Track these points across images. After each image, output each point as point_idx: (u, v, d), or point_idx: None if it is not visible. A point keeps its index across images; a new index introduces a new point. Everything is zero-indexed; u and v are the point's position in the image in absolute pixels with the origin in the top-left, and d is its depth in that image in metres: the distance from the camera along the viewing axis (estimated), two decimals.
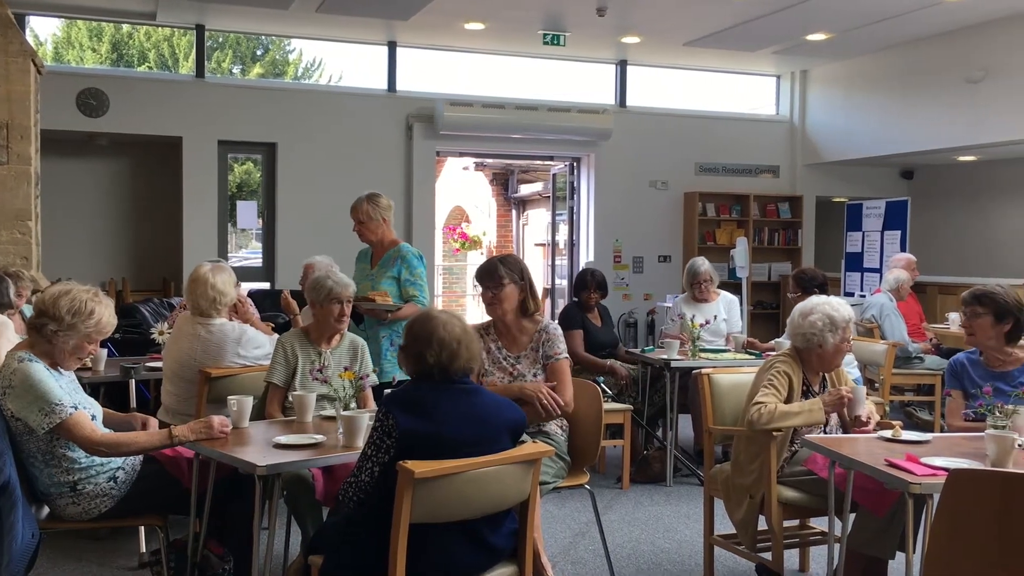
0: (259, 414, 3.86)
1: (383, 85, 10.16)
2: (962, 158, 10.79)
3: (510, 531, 2.88)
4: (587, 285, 6.19)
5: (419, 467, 2.56)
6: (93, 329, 3.24)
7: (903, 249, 9.65)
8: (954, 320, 7.25)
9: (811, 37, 9.48)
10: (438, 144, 10.25)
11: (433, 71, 10.52)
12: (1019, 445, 3.15)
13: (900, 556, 3.34)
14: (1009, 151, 9.99)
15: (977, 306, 3.78)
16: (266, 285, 9.54)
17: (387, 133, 10.05)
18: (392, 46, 10.12)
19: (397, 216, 5.21)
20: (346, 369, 3.81)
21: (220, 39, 15.69)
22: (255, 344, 4.36)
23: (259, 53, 17.37)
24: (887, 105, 10.37)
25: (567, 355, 3.89)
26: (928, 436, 3.45)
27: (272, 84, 13.00)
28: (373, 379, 4.13)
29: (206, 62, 9.74)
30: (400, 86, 10.18)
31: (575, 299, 6.40)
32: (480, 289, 3.92)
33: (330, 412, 3.65)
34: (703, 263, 6.44)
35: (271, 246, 9.84)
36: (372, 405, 3.89)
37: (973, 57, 9.13)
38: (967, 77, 9.12)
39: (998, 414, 3.14)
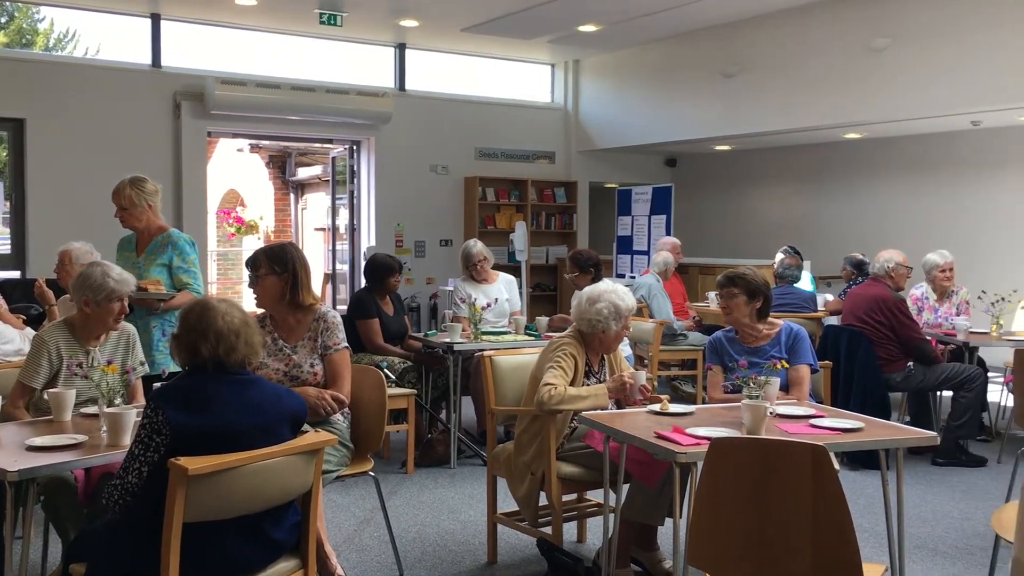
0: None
1: (147, 60, 9.55)
2: (718, 147, 11.60)
3: (293, 524, 2.80)
4: (393, 270, 6.12)
5: (193, 463, 2.43)
6: None
7: (668, 233, 10.26)
8: (713, 299, 7.78)
9: (582, 28, 9.82)
10: (209, 124, 9.78)
11: (203, 47, 9.99)
12: (771, 413, 3.46)
13: (669, 522, 3.55)
14: (758, 142, 10.85)
15: (732, 287, 4.11)
16: (16, 274, 8.78)
17: (152, 111, 9.47)
18: (156, 18, 9.52)
19: (166, 200, 4.93)
20: (109, 362, 3.55)
21: None
22: (3, 339, 4.00)
23: (2, 20, 15.83)
24: (652, 96, 10.96)
25: (346, 344, 3.83)
26: (692, 408, 3.69)
27: (19, 55, 11.87)
28: (144, 370, 3.88)
29: None
30: (166, 62, 9.61)
31: (370, 286, 6.22)
32: None
33: (94, 409, 3.40)
34: (475, 244, 6.52)
35: (21, 231, 9.02)
36: (141, 399, 3.66)
37: (728, 52, 9.81)
38: (722, 71, 9.80)
39: (752, 385, 3.40)
